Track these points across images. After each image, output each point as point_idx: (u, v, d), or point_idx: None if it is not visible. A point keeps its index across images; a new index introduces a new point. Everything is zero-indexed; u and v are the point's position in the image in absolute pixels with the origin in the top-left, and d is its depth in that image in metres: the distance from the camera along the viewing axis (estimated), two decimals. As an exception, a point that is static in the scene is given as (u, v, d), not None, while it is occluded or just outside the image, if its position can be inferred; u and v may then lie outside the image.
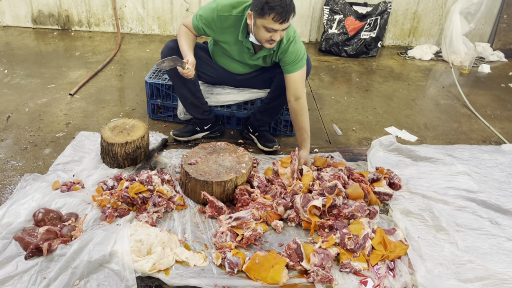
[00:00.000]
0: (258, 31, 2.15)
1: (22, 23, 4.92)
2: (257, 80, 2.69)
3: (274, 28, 2.09)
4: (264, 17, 2.06)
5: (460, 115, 3.52)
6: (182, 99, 2.67)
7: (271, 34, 2.13)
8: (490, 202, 2.30)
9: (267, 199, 2.16)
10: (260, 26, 2.11)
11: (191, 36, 2.41)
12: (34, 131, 2.77)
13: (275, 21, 2.05)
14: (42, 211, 1.94)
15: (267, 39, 2.16)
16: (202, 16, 2.33)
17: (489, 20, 5.18)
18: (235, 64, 2.58)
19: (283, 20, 2.06)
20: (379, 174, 2.39)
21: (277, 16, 2.03)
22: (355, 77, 4.25)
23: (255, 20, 2.12)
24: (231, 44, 2.40)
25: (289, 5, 2.04)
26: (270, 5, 2.00)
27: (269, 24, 2.07)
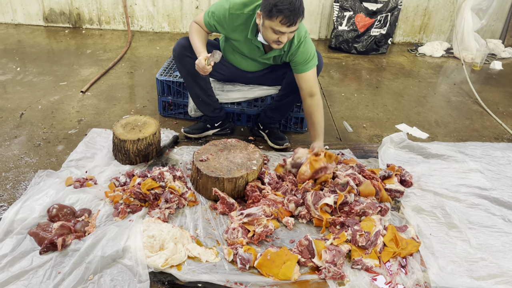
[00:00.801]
0: (266, 32, 2.15)
1: (33, 21, 4.96)
2: (268, 78, 2.70)
3: (281, 31, 2.08)
4: (272, 19, 2.04)
5: (472, 112, 3.49)
6: (193, 97, 2.68)
7: (279, 36, 2.12)
8: (503, 200, 2.28)
9: (278, 195, 2.16)
10: (268, 27, 2.10)
11: (203, 33, 2.41)
12: (47, 128, 2.80)
13: (283, 24, 2.04)
14: (56, 207, 1.97)
15: (274, 40, 2.16)
16: (214, 13, 2.33)
17: (500, 16, 5.13)
18: (246, 62, 2.58)
19: (290, 23, 2.04)
20: (390, 171, 2.38)
21: (285, 19, 2.02)
22: (365, 74, 4.24)
23: (263, 21, 2.11)
24: (241, 42, 2.41)
25: (297, 9, 2.01)
26: (278, 8, 1.99)
27: (276, 26, 2.06)
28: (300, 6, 2.03)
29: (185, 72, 2.52)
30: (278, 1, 1.98)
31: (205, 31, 2.43)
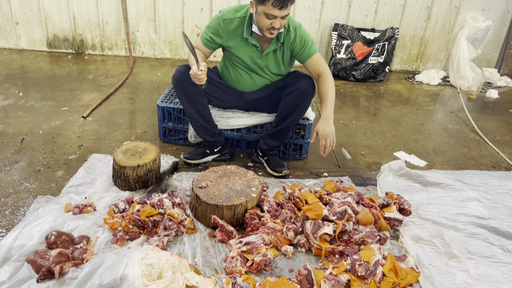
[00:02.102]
0: (259, 18, 2.28)
1: (37, 46, 5.05)
2: (264, 102, 2.75)
3: (273, 14, 2.21)
4: (264, 3, 2.19)
5: (469, 140, 3.53)
6: (193, 122, 2.71)
7: (272, 21, 2.25)
8: (502, 229, 2.28)
9: (277, 223, 2.16)
10: (261, 13, 2.24)
11: (200, 52, 2.53)
12: (48, 153, 2.82)
13: (275, 6, 2.18)
14: (54, 234, 1.96)
15: (267, 26, 2.28)
16: (209, 27, 2.49)
17: (496, 46, 5.24)
18: (246, 75, 2.63)
19: (281, 5, 2.18)
20: (389, 199, 2.39)
21: (276, 1, 2.16)
22: (363, 101, 4.29)
23: (257, 8, 2.26)
24: (239, 47, 2.51)
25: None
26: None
27: (269, 10, 2.20)
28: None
29: (184, 98, 2.57)
30: None
31: (205, 52, 2.55)
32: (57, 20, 4.89)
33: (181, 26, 4.97)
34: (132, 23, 4.95)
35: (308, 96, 2.54)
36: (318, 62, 2.50)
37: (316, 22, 5.02)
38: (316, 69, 2.51)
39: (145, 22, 4.95)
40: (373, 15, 5.01)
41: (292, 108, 2.55)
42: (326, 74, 2.48)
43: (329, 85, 2.45)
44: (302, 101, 2.55)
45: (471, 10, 4.98)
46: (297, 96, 2.54)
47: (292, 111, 2.56)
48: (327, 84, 2.46)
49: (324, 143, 2.39)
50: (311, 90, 2.55)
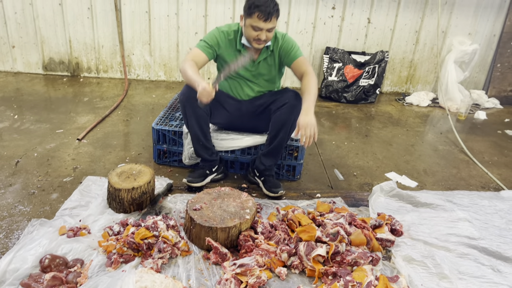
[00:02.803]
0: (247, 30, 2.49)
1: (33, 69, 5.11)
2: (258, 121, 2.83)
3: (259, 27, 2.42)
4: (251, 16, 2.41)
5: (458, 161, 3.60)
6: (195, 140, 2.75)
7: (258, 33, 2.46)
8: (492, 250, 2.32)
9: (271, 245, 2.18)
10: (248, 25, 2.46)
11: (196, 68, 2.55)
12: (42, 175, 2.83)
13: (260, 19, 2.39)
14: (48, 257, 1.97)
15: (254, 37, 2.49)
16: (207, 37, 2.65)
17: (483, 68, 5.38)
18: (242, 82, 2.79)
19: (266, 18, 2.39)
20: (381, 220, 2.42)
21: (261, 14, 2.38)
22: (355, 122, 4.37)
23: (245, 21, 2.49)
24: (233, 58, 2.63)
25: (272, 7, 2.40)
26: (255, 4, 2.38)
27: (255, 22, 2.42)
28: (275, 5, 2.43)
29: (192, 114, 2.63)
30: (255, 0, 2.39)
31: (202, 60, 2.63)
32: (53, 43, 4.96)
33: (176, 49, 5.06)
34: (128, 47, 5.03)
35: (297, 109, 2.58)
36: (303, 62, 2.64)
37: (308, 46, 5.14)
38: (300, 69, 2.64)
39: (140, 46, 5.03)
40: (364, 39, 5.14)
41: (283, 122, 2.61)
42: (309, 72, 2.59)
43: (311, 81, 2.54)
44: (292, 115, 2.60)
45: (458, 34, 5.14)
46: (286, 111, 2.60)
47: (283, 125, 2.62)
48: (309, 80, 2.55)
49: (304, 132, 2.34)
50: (299, 104, 2.57)
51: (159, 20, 4.91)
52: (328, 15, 4.99)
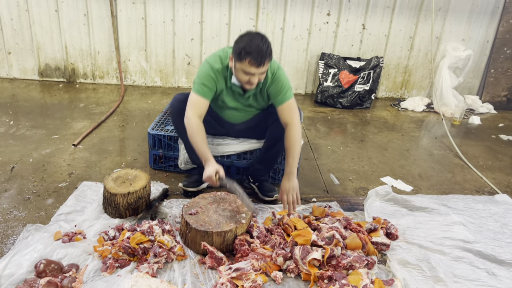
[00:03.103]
0: (238, 74, 2.32)
1: (28, 75, 5.11)
2: (254, 130, 2.80)
3: (251, 72, 2.24)
4: (241, 61, 2.22)
5: (453, 165, 3.62)
6: (188, 150, 2.75)
7: (249, 77, 2.28)
8: (486, 253, 2.34)
9: (267, 249, 2.18)
10: (239, 69, 2.28)
11: (203, 132, 2.43)
12: (38, 181, 2.83)
13: (251, 65, 2.21)
14: (43, 262, 1.96)
15: (245, 81, 2.32)
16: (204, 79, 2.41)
17: (477, 74, 5.43)
18: (233, 112, 2.67)
19: (258, 64, 2.21)
20: (376, 224, 2.43)
21: (253, 60, 2.19)
22: (350, 127, 4.39)
23: (235, 64, 2.29)
24: (225, 92, 2.53)
25: (264, 51, 2.19)
26: (246, 51, 2.18)
27: (246, 68, 2.23)
28: (267, 49, 2.21)
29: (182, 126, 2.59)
30: (246, 45, 2.18)
31: (206, 104, 2.46)
32: (49, 49, 4.97)
33: (172, 55, 5.08)
34: (124, 53, 5.04)
35: None
36: (288, 110, 2.48)
37: (304, 52, 5.17)
38: (284, 118, 2.49)
39: (136, 52, 5.05)
40: (359, 45, 5.18)
41: (279, 134, 2.61)
42: (293, 126, 2.46)
43: (294, 139, 2.44)
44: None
45: (452, 40, 5.19)
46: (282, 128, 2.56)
47: (279, 138, 2.61)
48: (292, 137, 2.44)
49: (286, 198, 2.41)
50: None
51: (155, 26, 4.93)
52: (323, 21, 5.03)
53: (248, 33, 2.27)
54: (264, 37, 2.24)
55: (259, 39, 2.21)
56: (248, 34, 2.26)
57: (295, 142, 2.45)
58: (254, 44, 2.18)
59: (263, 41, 2.21)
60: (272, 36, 5.05)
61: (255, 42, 2.19)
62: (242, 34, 2.29)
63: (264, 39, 2.23)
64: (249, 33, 2.27)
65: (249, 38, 2.22)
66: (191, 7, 4.85)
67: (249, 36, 2.24)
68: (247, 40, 2.21)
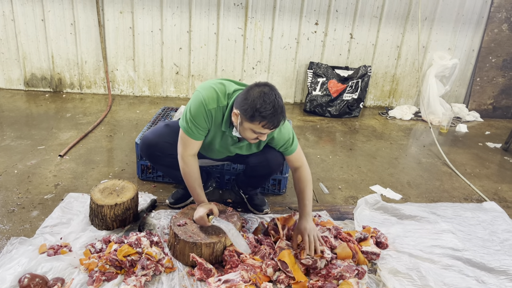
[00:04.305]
0: (245, 132, 2.06)
1: (14, 85, 5.04)
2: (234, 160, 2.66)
3: (262, 133, 2.03)
4: (253, 122, 1.96)
5: (441, 173, 3.64)
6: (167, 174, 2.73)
7: (258, 135, 2.06)
8: (475, 261, 2.34)
9: (256, 260, 2.16)
10: (248, 129, 2.02)
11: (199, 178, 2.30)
12: (22, 193, 2.77)
13: (265, 128, 1.98)
14: (28, 277, 1.91)
15: (252, 138, 2.09)
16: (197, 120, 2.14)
17: (463, 82, 5.51)
18: (215, 152, 2.45)
19: (274, 127, 1.99)
20: (366, 233, 2.43)
21: (269, 124, 1.96)
22: (339, 136, 4.40)
23: (242, 121, 2.01)
24: (215, 134, 2.27)
25: (280, 113, 1.95)
26: (262, 115, 1.92)
27: (257, 129, 1.99)
28: (282, 110, 1.97)
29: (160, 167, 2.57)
30: (261, 107, 1.91)
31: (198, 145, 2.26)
32: (35, 59, 4.92)
33: (160, 64, 5.07)
34: (111, 62, 5.01)
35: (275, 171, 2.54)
36: (299, 157, 2.35)
37: (292, 61, 5.19)
38: (294, 164, 2.35)
39: (124, 61, 5.02)
40: (347, 54, 5.23)
41: (261, 175, 2.56)
42: (305, 168, 2.34)
43: (307, 182, 2.32)
44: (270, 173, 2.56)
45: (438, 49, 5.26)
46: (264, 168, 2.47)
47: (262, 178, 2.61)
48: (305, 180, 2.32)
49: (309, 239, 2.16)
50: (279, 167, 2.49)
51: (143, 36, 4.91)
52: (312, 31, 5.06)
53: (258, 89, 1.97)
54: (277, 93, 1.98)
55: (273, 96, 1.94)
56: (259, 90, 1.96)
57: (308, 183, 2.32)
58: (269, 105, 1.91)
59: (277, 98, 1.95)
60: (261, 45, 5.07)
61: (270, 103, 1.92)
62: (250, 88, 1.99)
63: (278, 95, 1.96)
64: (260, 89, 1.96)
65: (261, 97, 1.93)
66: (179, 16, 4.85)
67: (261, 93, 1.94)
68: (261, 101, 1.92)
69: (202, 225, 2.21)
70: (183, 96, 5.28)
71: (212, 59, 5.11)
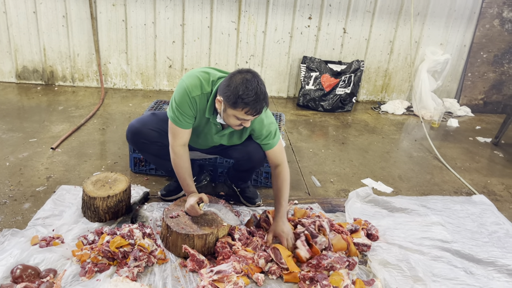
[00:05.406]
0: (228, 118, 2.08)
1: (5, 78, 4.99)
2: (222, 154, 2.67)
3: (245, 119, 2.05)
4: (236, 109, 1.99)
5: (432, 167, 3.68)
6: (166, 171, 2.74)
7: (242, 121, 2.08)
8: (464, 252, 2.38)
9: (248, 251, 2.18)
10: (231, 115, 2.04)
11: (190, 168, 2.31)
12: (14, 185, 2.76)
13: (248, 114, 2.00)
14: (20, 268, 1.92)
15: (236, 125, 2.11)
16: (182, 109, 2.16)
17: (454, 78, 5.55)
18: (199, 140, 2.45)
19: (256, 113, 2.01)
20: (357, 225, 2.45)
21: (251, 110, 1.98)
22: (332, 130, 4.43)
23: (226, 108, 2.03)
24: (200, 121, 2.29)
25: (262, 100, 1.98)
26: (244, 101, 1.94)
27: (241, 115, 2.01)
28: (265, 97, 2.00)
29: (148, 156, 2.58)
30: (243, 93, 1.93)
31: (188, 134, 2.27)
32: (27, 52, 4.87)
33: (153, 58, 5.04)
34: (104, 55, 4.98)
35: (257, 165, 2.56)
36: (279, 152, 2.35)
37: (286, 55, 5.20)
38: (275, 160, 2.35)
39: (117, 54, 4.99)
40: (340, 49, 5.24)
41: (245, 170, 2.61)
42: (284, 166, 2.34)
43: (285, 181, 2.31)
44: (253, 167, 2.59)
45: (430, 44, 5.29)
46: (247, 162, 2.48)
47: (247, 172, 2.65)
48: (284, 179, 2.31)
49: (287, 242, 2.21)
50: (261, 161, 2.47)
51: (136, 29, 4.89)
52: (305, 25, 5.07)
53: (241, 75, 1.99)
54: (259, 79, 2.00)
55: (255, 83, 1.96)
56: (242, 77, 1.97)
57: (286, 183, 2.32)
58: (252, 92, 1.93)
59: (259, 85, 1.97)
60: (254, 39, 5.06)
61: (252, 90, 1.94)
62: (233, 75, 2.00)
63: (260, 82, 1.98)
64: (242, 76, 1.98)
65: (244, 83, 1.95)
66: (173, 9, 4.83)
67: (244, 80, 1.96)
68: (243, 88, 1.94)
69: (194, 214, 2.23)
70: (176, 90, 5.26)
71: (206, 52, 5.10)
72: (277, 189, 2.33)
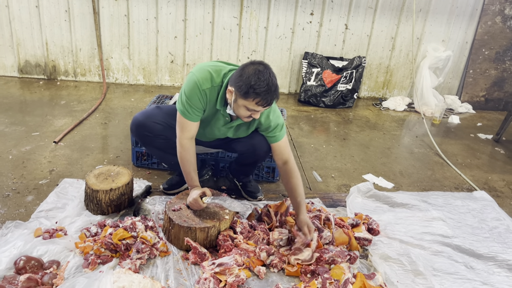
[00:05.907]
0: (238, 109, 2.09)
1: (8, 72, 5.00)
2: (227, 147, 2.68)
3: (256, 110, 2.05)
4: (247, 99, 2.00)
5: (433, 163, 3.69)
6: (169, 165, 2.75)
7: (252, 112, 2.08)
8: (465, 247, 2.39)
9: (250, 245, 2.19)
10: (241, 106, 2.05)
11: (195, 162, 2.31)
12: (17, 178, 2.78)
13: (259, 105, 2.01)
14: (23, 259, 1.93)
15: (246, 116, 2.11)
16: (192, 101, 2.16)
17: (456, 74, 5.55)
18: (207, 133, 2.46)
19: (267, 104, 2.02)
20: (358, 219, 2.47)
21: (262, 101, 1.99)
22: (333, 126, 4.43)
23: (236, 98, 2.04)
24: (209, 113, 2.30)
25: (274, 91, 1.99)
26: (256, 91, 1.95)
27: (251, 106, 2.02)
28: (276, 88, 2.01)
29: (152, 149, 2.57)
30: (255, 84, 1.94)
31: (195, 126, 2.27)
32: (29, 46, 4.88)
33: (155, 53, 5.05)
34: (106, 50, 4.98)
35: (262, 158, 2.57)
36: (285, 147, 2.34)
37: (287, 51, 5.20)
38: (282, 156, 2.32)
39: (119, 49, 5.00)
40: (341, 45, 5.24)
41: (249, 163, 2.62)
42: (293, 164, 2.32)
43: (297, 178, 2.30)
44: (257, 160, 2.59)
45: (432, 41, 5.29)
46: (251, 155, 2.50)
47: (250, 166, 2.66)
48: (296, 176, 2.30)
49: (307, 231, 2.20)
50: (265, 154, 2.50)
51: (138, 24, 4.89)
52: (307, 21, 5.06)
53: (253, 66, 2.00)
54: (271, 71, 2.01)
55: (267, 74, 1.97)
56: (254, 68, 1.99)
57: (299, 180, 2.30)
58: (264, 83, 1.94)
59: (271, 77, 1.98)
60: (256, 35, 5.06)
61: (264, 80, 1.95)
62: (245, 66, 2.02)
63: (272, 74, 2.00)
64: (255, 67, 1.99)
65: (256, 74, 1.96)
66: (175, 4, 4.83)
67: (256, 71, 1.97)
68: (255, 78, 1.95)
69: (197, 208, 2.25)
70: (178, 85, 5.27)
71: (207, 48, 5.10)
72: (293, 188, 2.29)
